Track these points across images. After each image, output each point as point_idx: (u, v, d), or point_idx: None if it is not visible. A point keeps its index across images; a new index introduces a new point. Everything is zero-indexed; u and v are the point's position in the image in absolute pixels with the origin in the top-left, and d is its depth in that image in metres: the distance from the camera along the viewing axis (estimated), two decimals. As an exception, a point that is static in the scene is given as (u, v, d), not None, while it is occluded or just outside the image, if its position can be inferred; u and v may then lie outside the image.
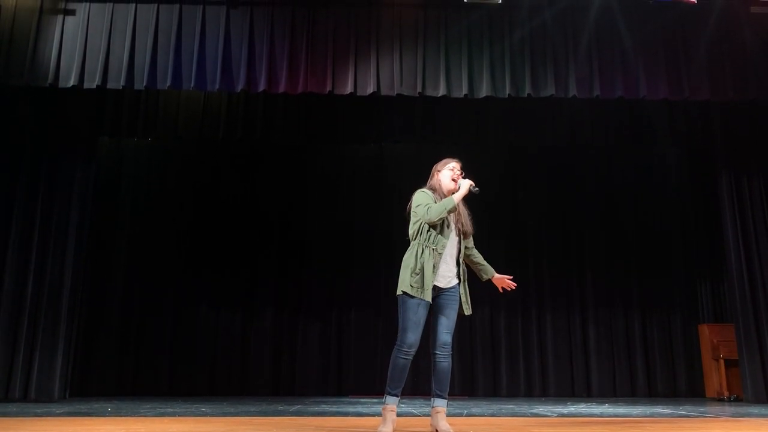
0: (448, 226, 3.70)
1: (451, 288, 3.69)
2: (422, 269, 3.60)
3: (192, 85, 6.14)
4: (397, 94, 6.38)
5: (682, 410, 5.59)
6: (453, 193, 3.73)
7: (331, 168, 8.66)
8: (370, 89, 6.31)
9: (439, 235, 3.68)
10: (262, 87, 6.21)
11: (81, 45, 6.17)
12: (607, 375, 8.07)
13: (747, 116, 7.16)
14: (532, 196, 8.65)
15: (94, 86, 6.12)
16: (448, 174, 3.83)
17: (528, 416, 4.93)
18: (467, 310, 3.72)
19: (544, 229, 8.58)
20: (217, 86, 6.16)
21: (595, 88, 6.37)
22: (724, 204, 7.12)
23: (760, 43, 6.52)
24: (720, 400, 7.16)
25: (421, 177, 4.00)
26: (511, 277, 3.88)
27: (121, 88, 6.17)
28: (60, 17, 6.25)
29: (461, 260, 3.77)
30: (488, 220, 8.48)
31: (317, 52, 6.34)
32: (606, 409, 5.84)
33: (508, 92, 6.36)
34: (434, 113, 7.61)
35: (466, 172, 3.86)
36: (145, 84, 6.10)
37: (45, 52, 6.18)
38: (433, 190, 3.80)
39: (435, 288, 3.65)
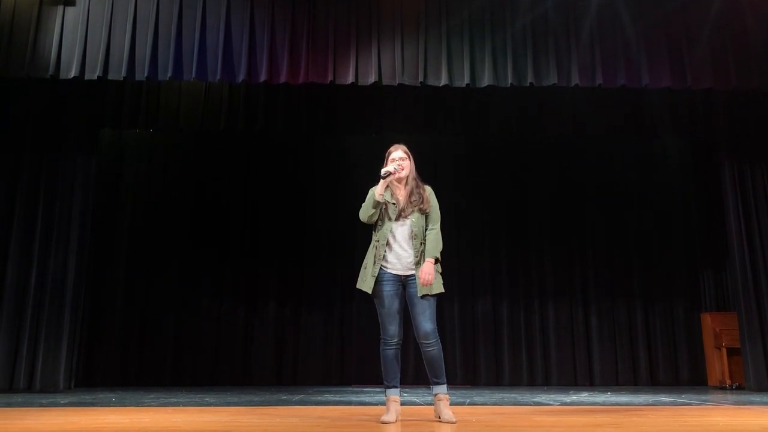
0: (389, 218, 3.71)
1: (413, 275, 3.67)
2: (367, 263, 3.70)
3: (193, 75, 6.12)
4: (398, 84, 6.37)
5: (685, 398, 5.61)
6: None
7: (332, 159, 8.64)
8: (372, 79, 6.29)
9: (380, 226, 3.72)
10: (263, 77, 6.19)
11: (81, 36, 6.15)
12: (609, 364, 8.08)
13: (750, 104, 7.13)
14: (534, 185, 8.64)
15: (95, 77, 6.11)
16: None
17: (530, 405, 4.94)
18: (420, 292, 3.59)
19: (546, 218, 8.56)
20: (218, 77, 6.14)
21: (598, 76, 6.35)
22: (726, 193, 7.11)
23: (762, 30, 6.48)
24: (722, 388, 7.17)
25: (422, 167, 4.00)
26: (426, 281, 3.56)
27: (122, 79, 6.16)
28: (60, 8, 6.23)
29: (420, 242, 3.68)
30: (490, 209, 8.51)
31: (318, 41, 6.32)
32: (608, 397, 5.85)
33: (510, 82, 6.34)
34: (436, 103, 7.58)
35: (467, 163, 3.85)
36: (146, 75, 6.08)
37: (45, 44, 6.17)
38: None
39: (398, 277, 3.67)
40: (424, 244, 3.69)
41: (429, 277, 3.58)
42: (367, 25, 6.41)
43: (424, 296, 3.60)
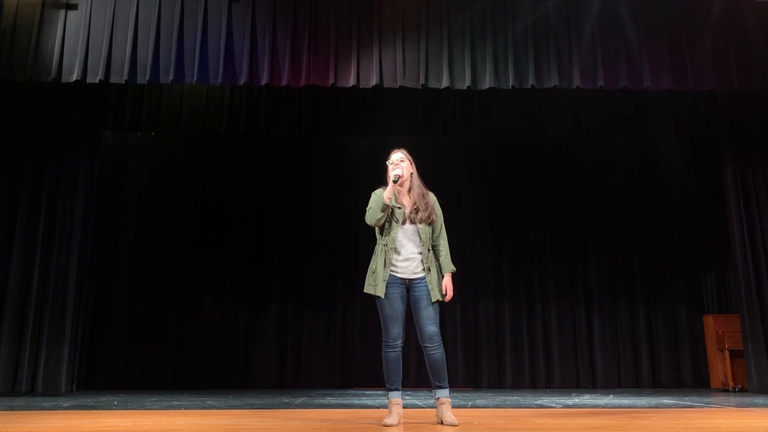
0: (396, 221, 3.72)
1: (420, 279, 3.70)
2: (375, 267, 3.70)
3: (194, 78, 6.12)
4: (400, 87, 6.37)
5: (687, 401, 5.59)
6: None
7: (334, 161, 8.66)
8: (373, 81, 6.29)
9: (387, 230, 3.72)
10: (264, 80, 6.20)
11: (83, 39, 6.16)
12: (611, 366, 8.07)
13: (752, 106, 7.13)
14: (536, 187, 8.64)
15: (97, 81, 6.12)
16: (390, 168, 3.82)
17: (533, 407, 4.94)
18: (434, 296, 3.65)
19: (548, 220, 8.56)
20: (219, 80, 6.15)
21: (599, 78, 6.34)
22: (729, 195, 7.10)
23: (764, 32, 6.48)
24: (725, 390, 7.16)
25: (424, 170, 4.00)
26: (449, 297, 3.72)
27: (123, 82, 6.16)
28: (62, 12, 6.25)
29: (427, 249, 3.72)
30: (492, 211, 8.51)
31: (319, 44, 6.32)
32: (611, 400, 5.84)
33: (511, 84, 6.33)
34: (437, 105, 7.59)
35: (468, 164, 3.86)
36: (147, 78, 6.09)
37: (47, 47, 6.18)
38: None
39: (404, 281, 3.69)
40: (432, 250, 3.75)
41: (452, 292, 3.72)
42: (368, 27, 6.41)
43: (434, 302, 3.65)
